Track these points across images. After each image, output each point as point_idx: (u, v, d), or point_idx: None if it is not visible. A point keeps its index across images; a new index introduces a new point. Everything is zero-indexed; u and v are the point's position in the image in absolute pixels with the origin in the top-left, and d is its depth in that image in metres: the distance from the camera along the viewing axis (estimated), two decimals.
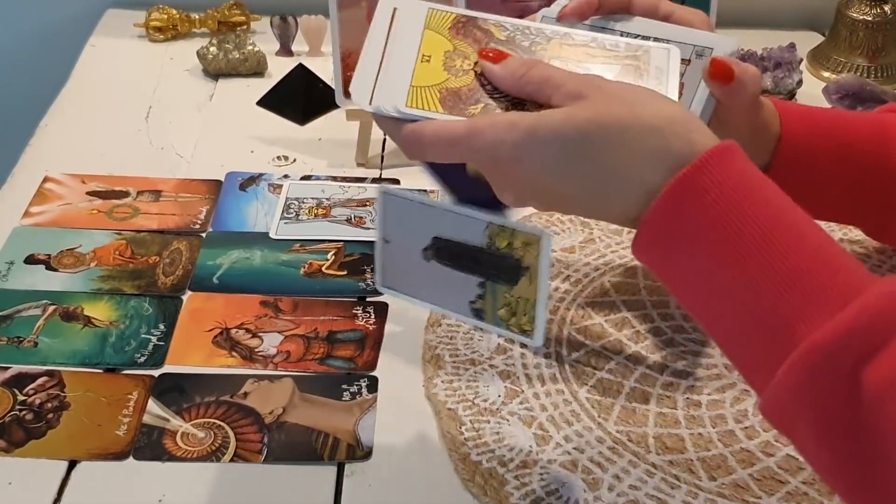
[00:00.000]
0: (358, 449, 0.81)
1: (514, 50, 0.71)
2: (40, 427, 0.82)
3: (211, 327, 0.92)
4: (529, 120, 0.63)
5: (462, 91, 0.68)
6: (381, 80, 0.68)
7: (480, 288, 0.82)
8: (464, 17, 0.73)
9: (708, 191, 0.60)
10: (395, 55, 0.70)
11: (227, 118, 1.23)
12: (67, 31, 1.45)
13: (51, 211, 1.06)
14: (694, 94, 0.77)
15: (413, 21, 0.72)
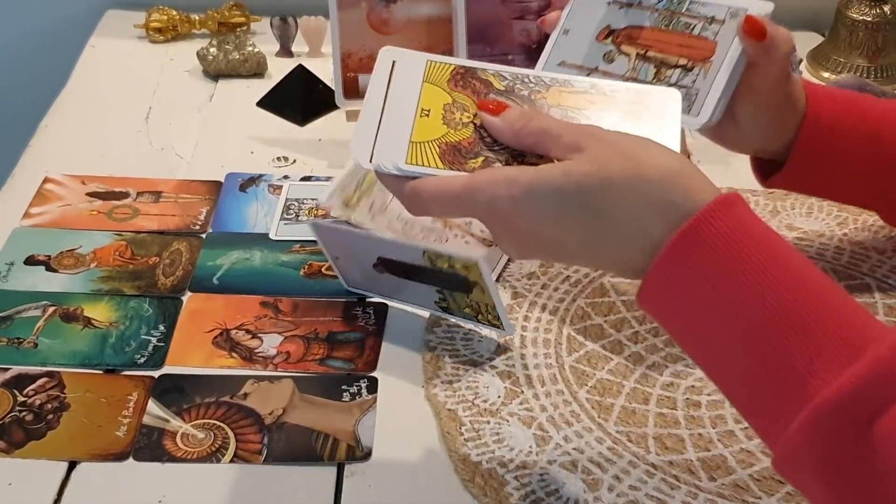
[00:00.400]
0: (357, 449, 0.81)
1: (514, 99, 0.71)
2: (40, 428, 0.82)
3: (211, 328, 0.92)
4: (528, 175, 0.63)
5: (462, 144, 0.68)
6: (380, 136, 0.68)
7: (439, 293, 0.84)
8: (462, 67, 0.73)
9: (711, 243, 0.60)
10: (393, 110, 0.70)
11: (227, 119, 1.23)
12: (67, 32, 1.45)
13: (51, 212, 1.06)
14: (725, 55, 0.81)
15: (412, 74, 0.72)
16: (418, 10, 1.10)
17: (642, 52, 0.85)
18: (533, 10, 1.09)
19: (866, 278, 0.97)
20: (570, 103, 0.71)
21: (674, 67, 0.83)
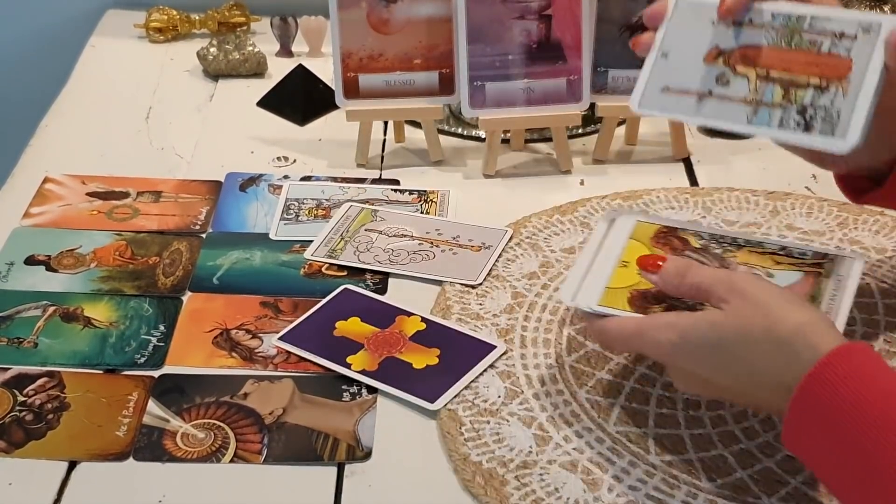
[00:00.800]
0: (357, 450, 0.81)
1: (705, 257, 0.83)
2: (40, 428, 0.82)
3: (211, 328, 0.92)
4: (683, 323, 0.73)
5: (649, 292, 0.79)
6: (585, 281, 0.81)
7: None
8: (665, 227, 0.86)
9: (833, 387, 0.67)
10: (600, 260, 0.83)
11: (227, 119, 1.23)
12: (67, 32, 1.45)
13: (51, 212, 1.06)
14: (865, 72, 0.76)
15: (622, 231, 0.86)
16: (418, 10, 1.10)
17: (763, 72, 0.79)
18: (533, 10, 1.09)
19: (866, 278, 0.97)
20: (759, 263, 0.82)
21: (805, 87, 0.77)
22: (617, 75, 1.11)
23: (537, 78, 1.10)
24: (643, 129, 1.19)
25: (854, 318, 0.93)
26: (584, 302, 0.79)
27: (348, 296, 0.94)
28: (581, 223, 1.05)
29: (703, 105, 0.80)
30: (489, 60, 1.09)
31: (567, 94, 1.11)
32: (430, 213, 1.07)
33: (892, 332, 0.91)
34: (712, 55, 0.81)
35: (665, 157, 1.18)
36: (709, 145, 1.21)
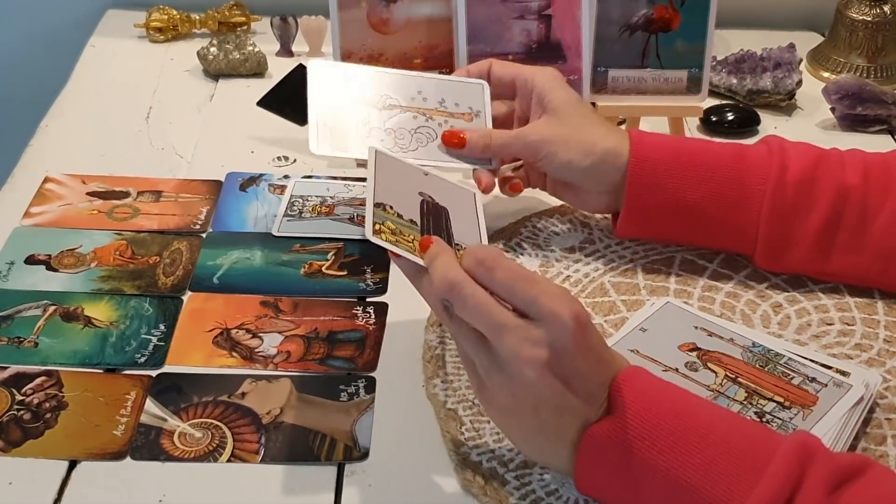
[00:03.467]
0: (354, 450, 0.81)
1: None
2: (38, 427, 0.82)
3: (211, 327, 0.92)
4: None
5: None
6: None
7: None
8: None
9: (625, 412, 0.71)
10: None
11: (227, 118, 1.23)
12: (68, 32, 1.45)
13: (51, 211, 1.06)
14: (829, 411, 0.81)
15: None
16: (418, 9, 1.10)
17: (733, 376, 0.83)
18: (533, 10, 1.09)
19: None
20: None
21: (769, 400, 0.81)
22: (617, 75, 1.11)
23: None
24: (643, 129, 1.19)
25: (854, 319, 0.93)
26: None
27: None
28: (581, 223, 1.05)
29: (667, 374, 0.83)
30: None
31: None
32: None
33: (891, 331, 0.91)
34: (688, 347, 0.86)
35: None
36: None
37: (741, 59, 1.27)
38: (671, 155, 0.94)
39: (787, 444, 0.68)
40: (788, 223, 0.92)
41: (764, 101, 1.26)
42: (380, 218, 0.80)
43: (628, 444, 0.70)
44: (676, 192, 0.93)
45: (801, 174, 0.92)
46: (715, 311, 0.93)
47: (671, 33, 1.10)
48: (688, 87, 1.12)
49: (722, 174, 0.93)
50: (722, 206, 0.93)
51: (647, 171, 0.93)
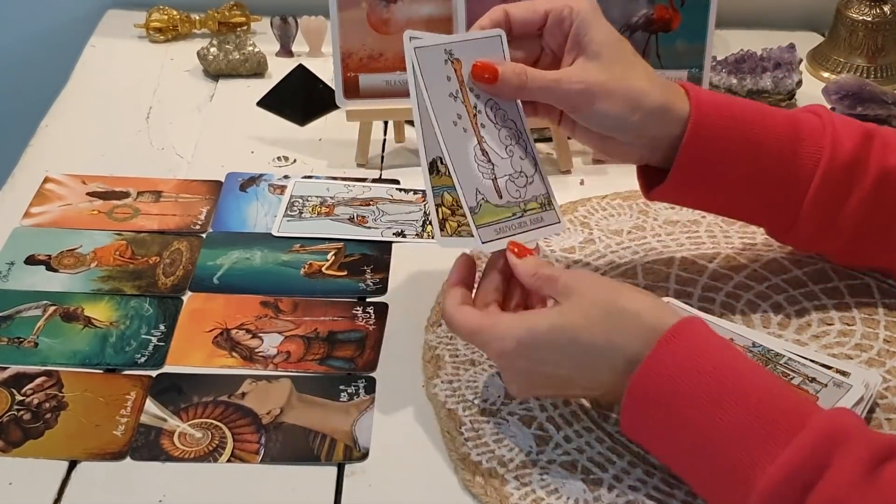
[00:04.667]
0: (354, 450, 0.81)
1: None
2: (38, 427, 0.82)
3: (211, 328, 0.92)
4: (520, 331, 0.76)
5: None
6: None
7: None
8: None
9: (670, 364, 0.72)
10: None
11: (227, 119, 1.23)
12: (68, 32, 1.45)
13: (51, 211, 1.06)
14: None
15: None
16: (418, 10, 1.10)
17: None
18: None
19: (866, 278, 0.97)
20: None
21: None
22: None
23: None
24: None
25: (854, 318, 0.93)
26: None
27: None
28: (581, 223, 1.05)
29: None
30: None
31: None
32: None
33: (891, 331, 0.91)
34: None
35: None
36: None
37: (741, 59, 1.27)
38: (728, 123, 0.86)
39: (819, 418, 0.68)
40: (831, 206, 0.88)
41: (764, 101, 1.25)
42: (438, 193, 0.83)
43: (667, 399, 0.72)
44: (728, 165, 0.87)
45: (851, 155, 0.87)
46: (715, 311, 0.93)
47: (671, 33, 1.10)
48: None
49: (776, 149, 0.87)
50: (770, 183, 0.88)
51: (702, 141, 0.86)
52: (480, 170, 0.83)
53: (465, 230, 0.82)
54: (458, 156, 0.82)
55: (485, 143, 0.84)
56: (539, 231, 0.85)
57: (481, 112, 0.84)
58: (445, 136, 0.82)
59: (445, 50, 0.83)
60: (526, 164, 0.85)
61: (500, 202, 0.83)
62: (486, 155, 0.83)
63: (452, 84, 0.84)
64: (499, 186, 0.83)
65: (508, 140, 0.85)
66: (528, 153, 0.86)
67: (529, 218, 0.84)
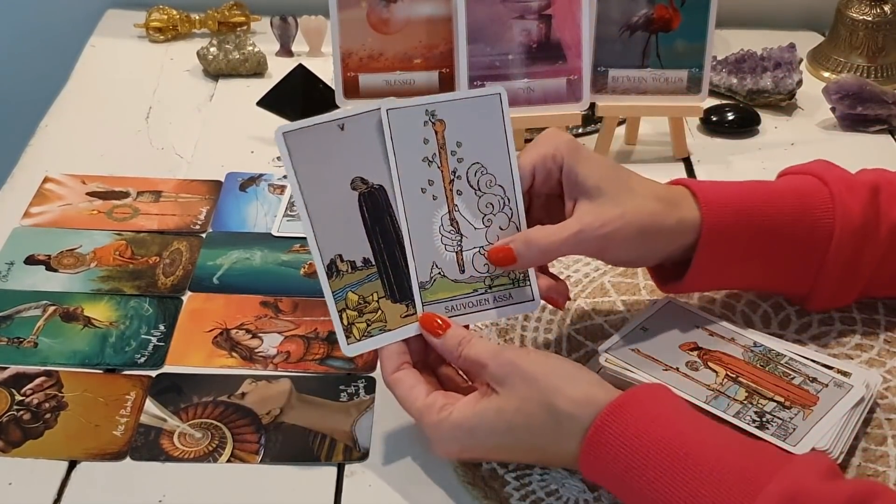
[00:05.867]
0: (354, 450, 0.81)
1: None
2: (38, 427, 0.82)
3: (211, 328, 0.92)
4: (468, 423, 0.75)
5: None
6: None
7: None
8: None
9: (612, 449, 0.71)
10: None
11: (227, 118, 1.23)
12: (67, 32, 1.45)
13: (51, 211, 1.06)
14: (829, 411, 0.80)
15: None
16: (418, 9, 1.10)
17: (733, 375, 0.83)
18: (533, 9, 1.09)
19: None
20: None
21: (769, 399, 0.81)
22: (617, 75, 1.11)
23: (537, 78, 1.10)
24: (643, 129, 1.19)
25: (854, 319, 0.92)
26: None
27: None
28: None
29: (667, 373, 0.83)
30: (489, 60, 1.09)
31: (567, 94, 1.10)
32: None
33: (891, 331, 0.91)
34: (689, 346, 0.85)
35: (665, 157, 1.17)
36: (709, 145, 1.21)
37: (741, 58, 1.27)
38: (739, 219, 0.84)
39: (772, 489, 0.66)
40: (847, 269, 0.87)
41: (764, 101, 1.26)
42: (340, 296, 0.78)
43: (618, 471, 0.71)
44: (743, 257, 0.86)
45: (861, 217, 0.86)
46: (715, 311, 0.93)
47: (671, 33, 1.10)
48: (688, 87, 1.12)
49: (788, 231, 0.86)
50: (785, 261, 0.87)
51: (716, 244, 0.84)
52: (444, 241, 0.80)
53: (377, 326, 0.78)
54: (418, 226, 0.79)
55: (457, 211, 0.80)
56: (503, 310, 0.81)
57: (461, 178, 0.80)
58: (408, 204, 0.79)
59: (427, 111, 0.79)
60: (505, 235, 0.81)
61: (461, 277, 0.80)
62: (456, 225, 0.80)
63: (430, 147, 0.79)
64: (463, 260, 0.80)
65: (489, 209, 0.81)
66: (511, 222, 0.81)
67: (494, 295, 0.81)
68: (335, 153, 0.78)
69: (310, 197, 0.77)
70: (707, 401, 0.80)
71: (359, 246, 0.78)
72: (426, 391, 0.77)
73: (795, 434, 0.77)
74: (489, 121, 0.80)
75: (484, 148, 0.80)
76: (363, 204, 0.79)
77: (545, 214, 0.84)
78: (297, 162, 0.78)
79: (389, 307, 0.79)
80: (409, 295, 0.79)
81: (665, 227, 0.82)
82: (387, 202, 0.79)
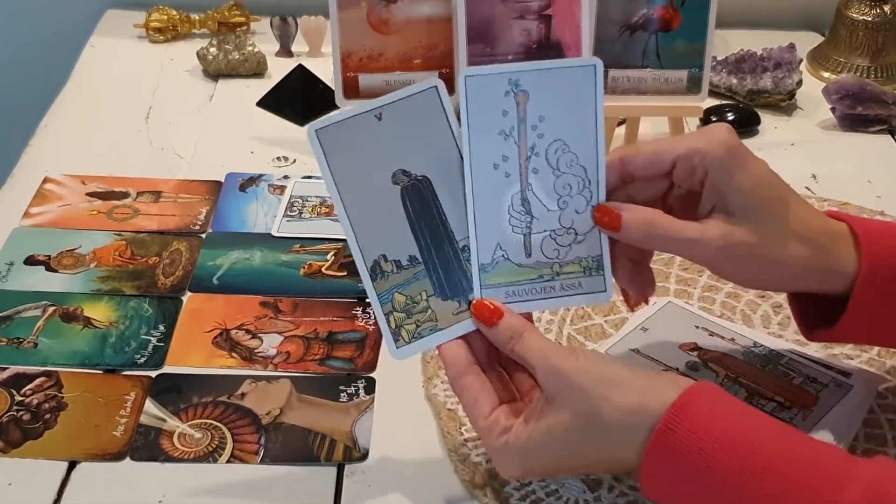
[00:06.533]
0: (354, 450, 0.81)
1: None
2: (37, 427, 0.82)
3: (211, 328, 0.92)
4: (521, 445, 0.70)
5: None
6: None
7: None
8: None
9: (677, 453, 0.65)
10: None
11: (226, 119, 1.23)
12: (67, 32, 1.45)
13: (51, 212, 1.06)
14: (829, 411, 0.80)
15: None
16: (418, 9, 1.10)
17: (733, 375, 0.82)
18: (533, 10, 1.09)
19: None
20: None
21: (769, 400, 0.80)
22: (617, 75, 1.11)
23: None
24: (643, 128, 1.19)
25: None
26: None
27: None
28: None
29: (667, 373, 0.81)
30: (489, 60, 1.09)
31: None
32: None
33: None
34: (689, 346, 0.84)
35: None
36: None
37: (741, 58, 1.27)
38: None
39: (854, 491, 0.61)
40: None
41: (764, 101, 1.26)
42: (386, 299, 0.73)
43: (680, 481, 0.66)
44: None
45: None
46: (715, 312, 0.93)
47: (671, 33, 1.10)
48: (688, 87, 1.12)
49: None
50: None
51: (874, 292, 0.74)
52: (512, 222, 0.74)
53: (427, 326, 0.73)
54: (486, 204, 0.73)
55: (530, 191, 0.74)
56: (571, 299, 0.75)
57: (539, 155, 0.73)
58: (476, 179, 0.72)
59: (510, 80, 0.72)
60: (581, 220, 0.74)
61: (526, 261, 0.74)
62: (527, 205, 0.74)
63: (509, 119, 0.73)
64: (529, 243, 0.74)
65: (566, 190, 0.74)
66: (589, 206, 0.74)
67: (562, 283, 0.74)
68: (373, 146, 0.72)
69: (348, 196, 0.73)
70: None
71: (404, 244, 0.73)
72: (490, 405, 0.72)
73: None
74: (579, 95, 0.72)
75: (569, 124, 0.73)
76: (406, 198, 0.73)
77: (678, 205, 0.76)
78: (333, 160, 0.72)
79: (440, 305, 0.73)
80: (461, 291, 0.74)
81: (804, 274, 0.73)
82: (433, 194, 0.73)
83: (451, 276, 0.74)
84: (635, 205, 0.73)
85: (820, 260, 0.73)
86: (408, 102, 0.72)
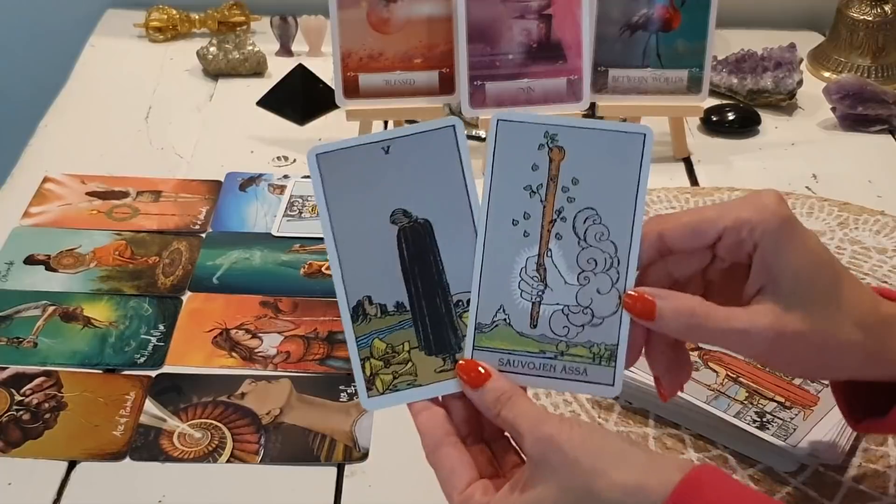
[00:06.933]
0: (354, 450, 0.81)
1: None
2: (37, 427, 0.82)
3: (211, 328, 0.92)
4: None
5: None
6: None
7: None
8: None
9: None
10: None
11: (227, 118, 1.23)
12: (67, 31, 1.45)
13: (50, 211, 1.06)
14: (832, 409, 0.80)
15: None
16: (418, 9, 1.10)
17: (734, 375, 0.82)
18: (533, 9, 1.09)
19: (867, 278, 0.97)
20: None
21: (769, 400, 0.80)
22: (617, 75, 1.11)
23: (537, 77, 1.10)
24: None
25: None
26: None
27: None
28: None
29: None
30: (489, 60, 1.09)
31: (567, 94, 1.10)
32: None
33: None
34: (689, 346, 0.76)
35: (665, 157, 1.17)
36: (709, 145, 1.21)
37: (742, 58, 1.27)
38: None
39: None
40: None
41: (764, 101, 1.26)
42: (364, 343, 0.66)
43: None
44: None
45: None
46: None
47: (671, 33, 1.10)
48: (688, 87, 1.12)
49: None
50: None
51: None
52: (522, 286, 0.66)
53: (404, 380, 0.66)
54: (496, 261, 0.66)
55: (549, 257, 0.66)
56: (571, 384, 0.66)
57: (566, 220, 0.65)
58: (491, 232, 0.66)
59: (547, 133, 0.65)
60: (601, 302, 0.65)
61: (529, 332, 0.66)
62: (542, 272, 0.66)
63: (539, 175, 0.65)
64: (538, 313, 0.66)
65: (591, 265, 0.65)
66: (614, 288, 0.65)
67: (565, 364, 0.66)
68: (376, 180, 0.67)
69: (340, 228, 0.68)
70: (707, 401, 0.80)
71: (393, 288, 0.67)
72: (467, 479, 0.64)
73: (796, 434, 0.77)
74: (621, 163, 0.65)
75: (604, 193, 0.65)
76: (403, 240, 0.67)
77: (720, 279, 0.68)
78: (330, 189, 0.67)
79: (422, 359, 0.66)
80: (448, 348, 0.66)
81: (864, 360, 0.66)
82: (432, 239, 0.67)
83: (439, 330, 0.67)
84: (672, 291, 0.65)
85: (875, 345, 0.66)
86: (420, 138, 0.66)
